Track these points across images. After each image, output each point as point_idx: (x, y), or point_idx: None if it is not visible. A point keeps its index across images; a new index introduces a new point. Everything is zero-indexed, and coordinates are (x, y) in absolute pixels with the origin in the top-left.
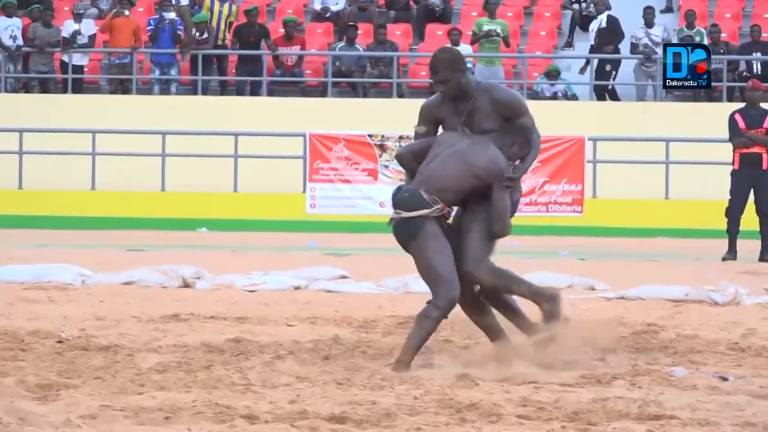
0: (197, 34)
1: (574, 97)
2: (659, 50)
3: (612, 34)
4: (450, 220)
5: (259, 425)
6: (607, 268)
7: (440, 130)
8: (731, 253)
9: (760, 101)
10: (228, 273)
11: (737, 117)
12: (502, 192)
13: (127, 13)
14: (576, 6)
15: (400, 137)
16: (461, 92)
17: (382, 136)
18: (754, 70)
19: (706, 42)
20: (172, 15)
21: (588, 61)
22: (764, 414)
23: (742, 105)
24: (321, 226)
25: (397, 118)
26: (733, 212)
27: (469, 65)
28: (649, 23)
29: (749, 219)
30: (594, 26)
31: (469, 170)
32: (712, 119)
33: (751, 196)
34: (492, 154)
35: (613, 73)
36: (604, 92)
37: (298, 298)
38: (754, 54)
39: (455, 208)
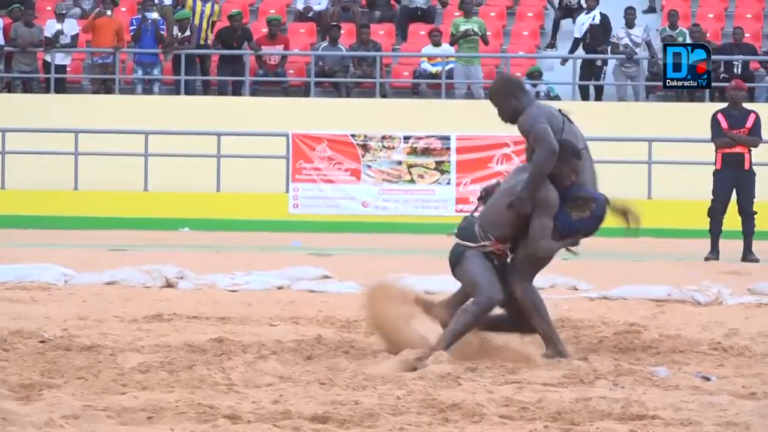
0: (179, 33)
1: (557, 98)
2: (639, 51)
3: (604, 31)
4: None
5: (241, 425)
6: (590, 268)
7: None
8: (714, 253)
9: (743, 101)
10: (211, 273)
11: (720, 117)
12: (536, 214)
13: (109, 13)
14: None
15: (383, 137)
16: (515, 119)
17: (365, 136)
18: (735, 71)
19: (689, 42)
20: (155, 15)
21: (572, 50)
22: (746, 414)
23: (723, 105)
24: (304, 225)
25: (380, 118)
26: (716, 212)
27: (451, 65)
28: (630, 23)
29: (732, 219)
30: (585, 21)
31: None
32: (694, 119)
33: (734, 196)
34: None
35: (604, 69)
36: (589, 90)
37: (281, 298)
38: (736, 54)
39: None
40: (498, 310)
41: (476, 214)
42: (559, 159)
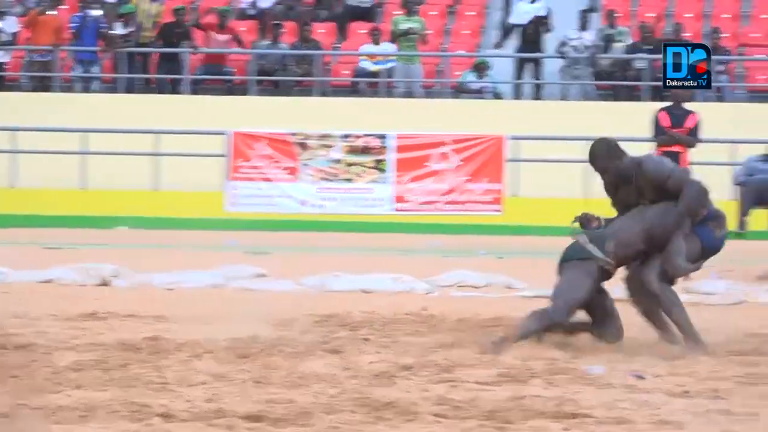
0: (121, 32)
1: (498, 96)
2: (586, 53)
3: (546, 25)
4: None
5: (175, 423)
6: (526, 266)
7: None
8: None
9: (687, 101)
10: (147, 271)
11: (662, 115)
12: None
13: (53, 11)
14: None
15: (322, 135)
16: (621, 178)
17: (304, 135)
18: None
19: (630, 41)
20: (96, 12)
21: (508, 33)
22: (679, 412)
23: (662, 104)
24: (241, 224)
25: (320, 116)
26: None
27: (392, 63)
28: (583, 26)
29: None
30: (528, 10)
31: (644, 227)
32: (633, 118)
33: None
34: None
35: (541, 63)
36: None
37: (217, 297)
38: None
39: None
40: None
41: (608, 231)
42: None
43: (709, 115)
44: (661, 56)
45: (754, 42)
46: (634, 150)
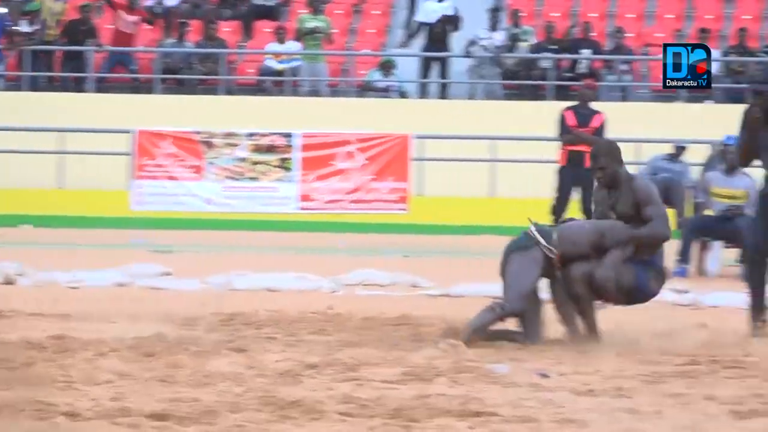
0: (26, 30)
1: (404, 95)
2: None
3: (454, 24)
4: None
5: (80, 422)
6: (432, 265)
7: None
8: None
9: (592, 100)
10: (52, 270)
11: (568, 114)
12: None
13: None
14: None
15: (227, 134)
16: (613, 181)
17: (209, 133)
18: (579, 69)
19: (535, 40)
20: (1, 10)
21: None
22: (584, 410)
23: (568, 104)
24: (146, 222)
25: (226, 115)
26: (558, 210)
27: (297, 62)
28: (494, 26)
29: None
30: (437, 9)
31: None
32: (538, 117)
33: (579, 197)
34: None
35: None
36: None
37: (122, 295)
38: (581, 52)
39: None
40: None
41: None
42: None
43: (614, 114)
44: (565, 56)
45: (658, 42)
46: (540, 149)
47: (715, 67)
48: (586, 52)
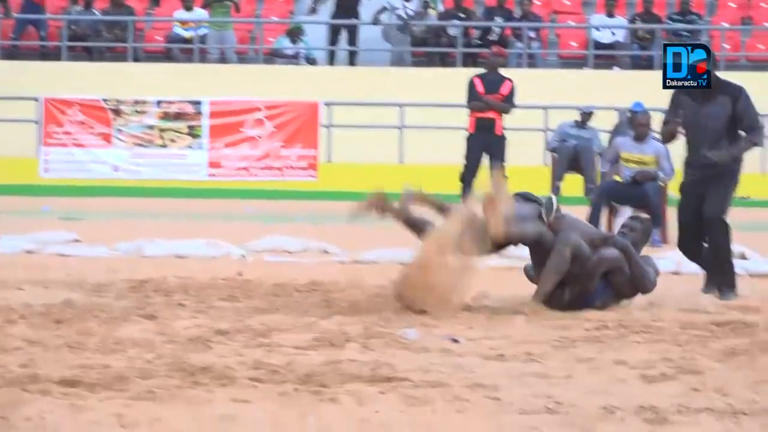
0: None
1: (313, 62)
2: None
3: None
4: None
5: None
6: (342, 232)
7: None
8: None
9: (501, 67)
10: None
11: (476, 81)
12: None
13: None
14: None
15: (135, 101)
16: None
17: (117, 101)
18: (491, 36)
19: (441, 8)
20: None
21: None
22: (495, 375)
23: (477, 71)
24: (55, 190)
25: (133, 82)
26: (467, 177)
27: (205, 30)
28: None
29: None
30: None
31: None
32: (447, 84)
33: (488, 164)
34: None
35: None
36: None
37: (31, 262)
38: (496, 20)
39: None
40: None
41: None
42: None
43: (522, 81)
44: (473, 23)
45: (565, 9)
46: (449, 116)
47: (621, 35)
48: (498, 20)
